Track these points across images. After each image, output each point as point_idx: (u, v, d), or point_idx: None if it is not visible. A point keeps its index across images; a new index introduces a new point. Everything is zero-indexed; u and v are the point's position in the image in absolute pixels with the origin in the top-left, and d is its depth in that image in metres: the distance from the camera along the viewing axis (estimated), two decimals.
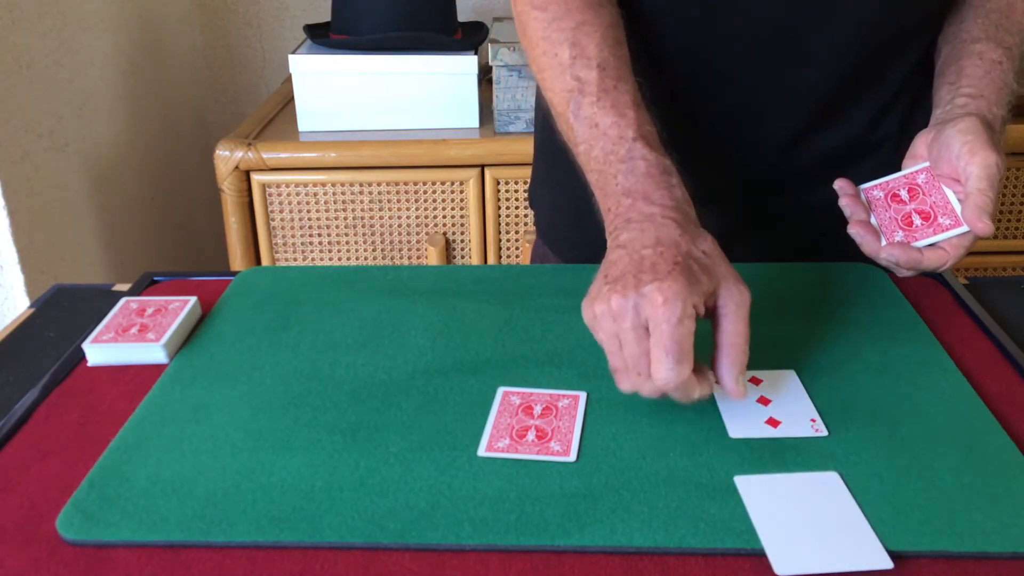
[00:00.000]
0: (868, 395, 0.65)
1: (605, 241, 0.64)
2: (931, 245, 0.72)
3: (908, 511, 0.54)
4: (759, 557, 0.51)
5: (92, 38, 1.54)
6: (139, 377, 0.70)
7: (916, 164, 0.76)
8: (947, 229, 0.71)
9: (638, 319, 0.58)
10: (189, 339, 0.75)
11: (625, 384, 0.60)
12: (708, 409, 0.64)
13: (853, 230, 0.74)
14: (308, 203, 1.53)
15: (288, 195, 1.53)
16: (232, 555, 0.52)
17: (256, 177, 1.51)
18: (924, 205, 0.73)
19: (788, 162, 0.85)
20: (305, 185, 1.52)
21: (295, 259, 1.57)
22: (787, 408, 0.64)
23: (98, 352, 0.72)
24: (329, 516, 0.54)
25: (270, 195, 1.53)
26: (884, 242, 0.74)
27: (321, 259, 1.57)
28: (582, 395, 0.66)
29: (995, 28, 0.77)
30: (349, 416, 0.64)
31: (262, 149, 1.49)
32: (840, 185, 0.77)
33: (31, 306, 0.84)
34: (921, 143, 0.76)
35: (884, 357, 0.70)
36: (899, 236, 0.73)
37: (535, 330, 0.75)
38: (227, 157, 1.49)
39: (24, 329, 0.80)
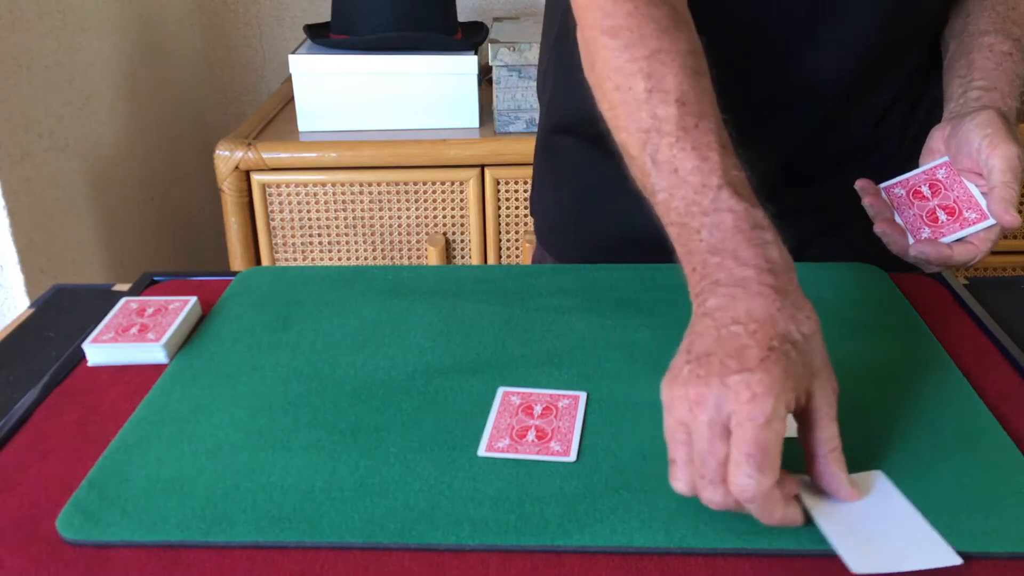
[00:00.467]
0: (868, 395, 0.65)
1: (606, 245, 0.61)
2: (959, 240, 0.72)
3: None
4: (759, 557, 0.51)
5: (92, 38, 1.54)
6: (139, 377, 0.70)
7: (934, 159, 0.75)
8: (974, 223, 0.71)
9: (719, 414, 0.49)
10: (189, 339, 0.75)
11: (680, 483, 0.52)
12: None
13: (879, 229, 0.73)
14: (308, 203, 1.53)
15: (288, 195, 1.53)
16: (232, 555, 0.52)
17: (256, 177, 1.51)
18: (948, 200, 0.72)
19: (798, 159, 0.84)
20: (305, 185, 1.52)
21: (295, 259, 1.57)
22: None
23: (98, 352, 0.72)
24: (329, 516, 0.54)
25: (270, 195, 1.53)
26: (911, 240, 0.73)
27: (321, 259, 1.57)
28: (582, 395, 0.66)
29: (1003, 20, 0.76)
30: (349, 416, 0.64)
31: (262, 149, 1.49)
32: (861, 185, 0.76)
33: (31, 306, 0.84)
34: (938, 138, 0.75)
35: (884, 357, 0.70)
36: (926, 233, 0.73)
37: (535, 330, 0.75)
38: (227, 157, 1.49)
39: (24, 329, 0.80)
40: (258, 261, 1.58)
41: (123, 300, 0.78)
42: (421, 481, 0.57)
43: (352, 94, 1.56)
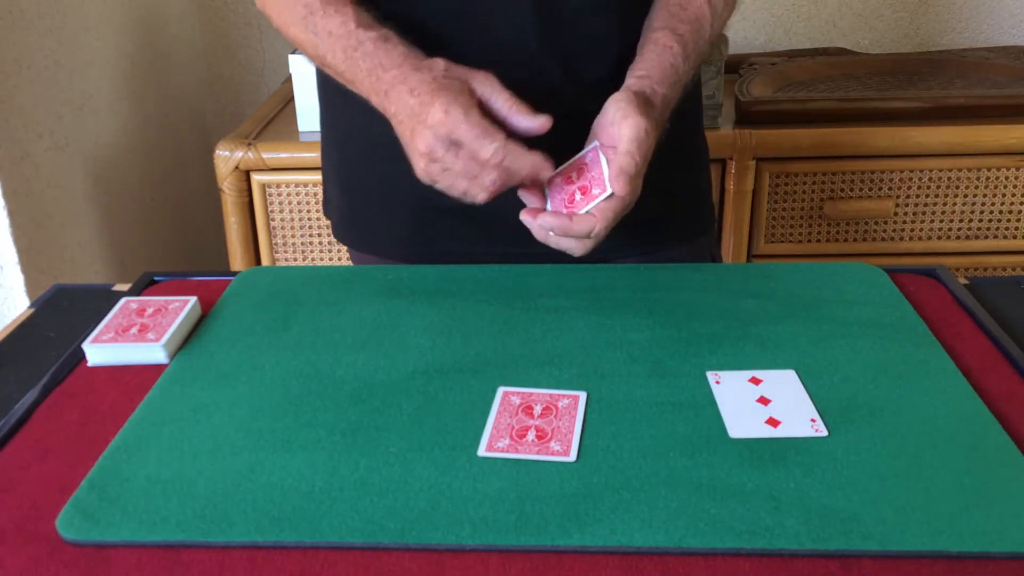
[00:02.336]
0: (868, 395, 0.65)
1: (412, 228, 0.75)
2: (585, 215, 0.73)
3: (908, 511, 0.54)
4: (759, 557, 0.52)
5: (92, 38, 1.54)
6: (139, 377, 0.70)
7: (590, 144, 0.77)
8: (596, 197, 0.73)
9: (446, 141, 0.69)
10: (189, 339, 0.75)
11: (476, 192, 0.71)
12: (708, 409, 0.64)
13: (523, 218, 0.76)
14: (308, 203, 1.53)
15: (288, 195, 1.53)
16: (232, 555, 0.52)
17: (256, 177, 1.51)
18: (586, 181, 0.74)
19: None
20: (305, 185, 1.52)
21: (295, 259, 1.57)
22: (787, 408, 0.64)
23: (98, 352, 0.72)
24: (329, 516, 0.54)
25: (270, 195, 1.53)
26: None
27: (321, 259, 1.57)
28: (582, 395, 0.66)
29: (671, 18, 0.81)
30: (349, 416, 0.64)
31: (262, 149, 1.49)
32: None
33: (31, 306, 0.84)
34: (595, 122, 0.78)
35: (884, 357, 0.70)
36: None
37: (535, 330, 0.75)
38: (227, 157, 1.49)
39: (24, 329, 0.80)
40: (258, 261, 1.57)
41: (123, 300, 0.78)
42: (421, 481, 0.57)
43: None
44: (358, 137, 0.90)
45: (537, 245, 0.76)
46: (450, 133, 0.69)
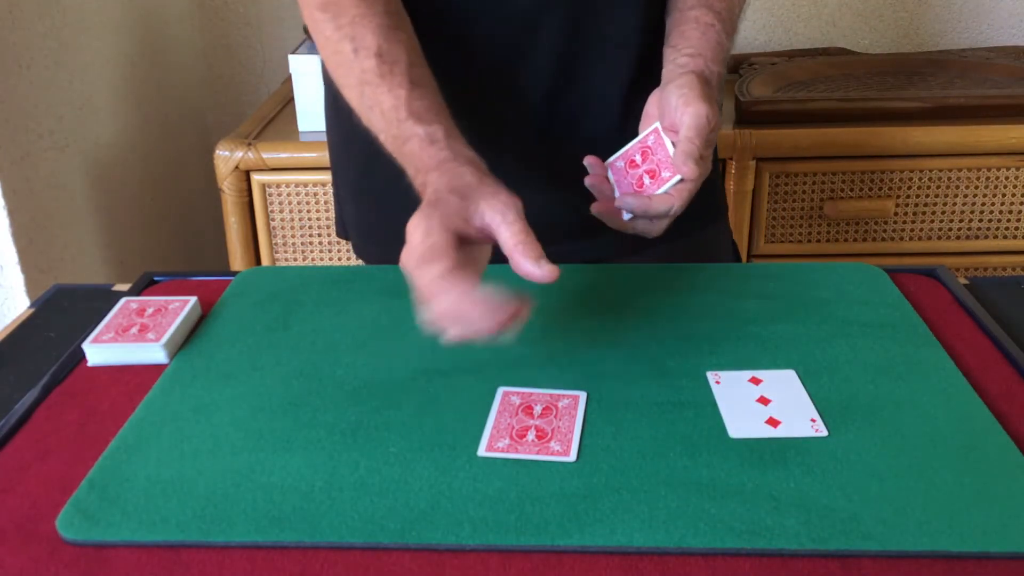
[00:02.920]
0: (868, 395, 0.65)
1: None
2: (663, 194, 0.74)
3: (908, 511, 0.54)
4: (759, 557, 0.52)
5: (92, 38, 1.54)
6: (139, 377, 0.70)
7: (648, 126, 0.77)
8: (666, 181, 0.73)
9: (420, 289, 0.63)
10: (189, 339, 0.75)
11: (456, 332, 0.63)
12: (708, 409, 0.64)
13: (595, 210, 0.76)
14: (308, 203, 1.53)
15: (288, 195, 1.53)
16: (232, 555, 0.52)
17: (256, 177, 1.51)
18: (652, 164, 0.75)
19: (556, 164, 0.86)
20: (305, 185, 1.52)
21: (295, 259, 1.57)
22: (787, 408, 0.64)
23: (98, 352, 0.72)
24: (329, 516, 0.54)
25: (270, 195, 1.53)
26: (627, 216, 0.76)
27: (321, 259, 1.57)
28: (582, 395, 0.66)
29: None
30: (349, 416, 0.64)
31: (262, 149, 1.49)
32: (590, 162, 0.78)
33: (31, 306, 0.84)
34: (652, 103, 0.79)
35: (884, 357, 0.70)
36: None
37: (535, 330, 0.74)
38: (227, 157, 1.49)
39: (24, 329, 0.80)
40: (258, 261, 1.57)
41: (123, 300, 0.78)
42: (421, 481, 0.57)
43: None
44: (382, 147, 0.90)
45: (557, 249, 0.75)
46: (418, 252, 0.62)
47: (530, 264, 0.62)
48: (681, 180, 0.72)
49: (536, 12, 0.83)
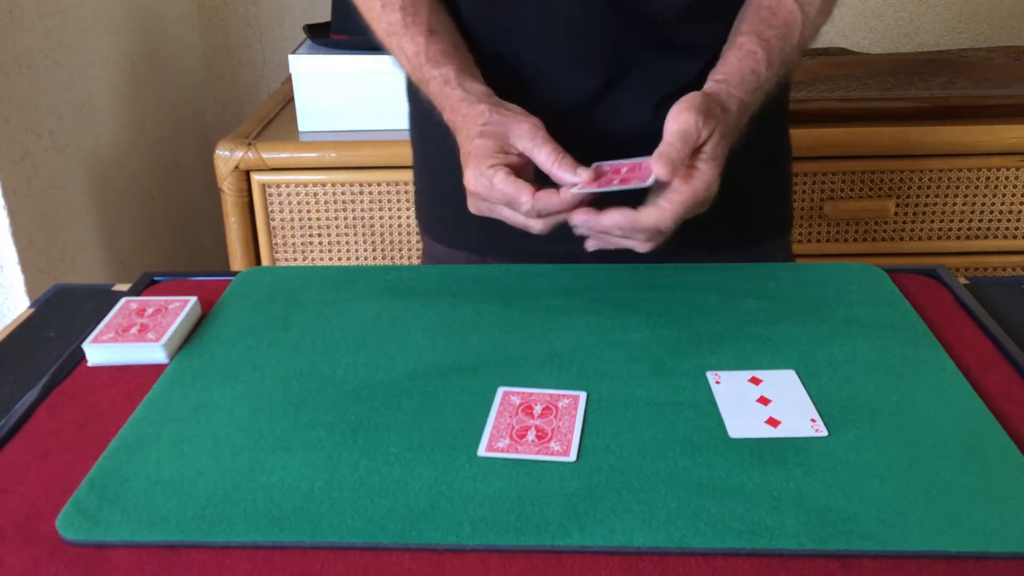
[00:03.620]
0: (868, 395, 0.65)
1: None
2: (652, 206, 0.71)
3: (908, 511, 0.54)
4: (759, 557, 0.52)
5: (92, 38, 1.54)
6: (139, 377, 0.70)
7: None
8: (630, 183, 0.71)
9: (482, 199, 0.74)
10: (189, 339, 0.75)
11: (529, 228, 0.74)
12: (708, 409, 0.64)
13: (576, 220, 0.74)
14: (308, 203, 1.53)
15: (288, 195, 1.53)
16: (232, 555, 0.52)
17: (256, 177, 1.51)
18: (631, 173, 0.72)
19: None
20: (305, 185, 1.52)
21: (295, 259, 1.57)
22: (787, 408, 0.64)
23: (98, 352, 0.72)
24: (329, 516, 0.54)
25: (270, 195, 1.53)
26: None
27: (321, 259, 1.57)
28: (582, 395, 0.66)
29: (759, 23, 0.81)
30: (349, 416, 0.64)
31: (262, 149, 1.49)
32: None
33: (31, 306, 0.84)
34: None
35: (884, 357, 0.70)
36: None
37: (535, 330, 0.75)
38: (227, 157, 1.49)
39: (24, 329, 0.80)
40: (258, 261, 1.57)
41: (123, 300, 0.78)
42: (421, 481, 0.57)
43: (352, 94, 1.55)
44: (438, 127, 0.90)
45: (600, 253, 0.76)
46: (484, 196, 0.73)
47: (570, 176, 0.71)
48: (655, 181, 0.70)
49: (580, 27, 0.84)
